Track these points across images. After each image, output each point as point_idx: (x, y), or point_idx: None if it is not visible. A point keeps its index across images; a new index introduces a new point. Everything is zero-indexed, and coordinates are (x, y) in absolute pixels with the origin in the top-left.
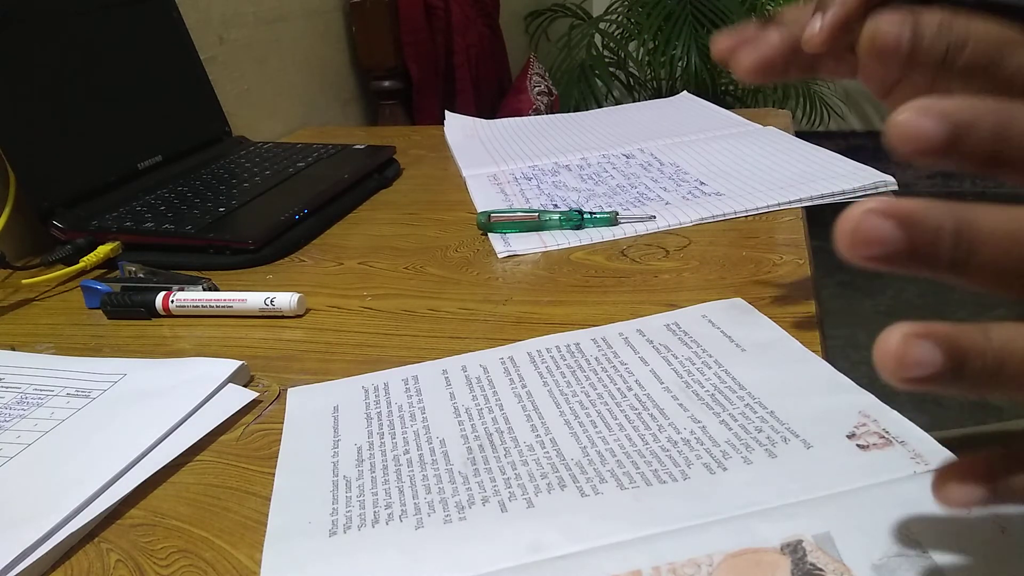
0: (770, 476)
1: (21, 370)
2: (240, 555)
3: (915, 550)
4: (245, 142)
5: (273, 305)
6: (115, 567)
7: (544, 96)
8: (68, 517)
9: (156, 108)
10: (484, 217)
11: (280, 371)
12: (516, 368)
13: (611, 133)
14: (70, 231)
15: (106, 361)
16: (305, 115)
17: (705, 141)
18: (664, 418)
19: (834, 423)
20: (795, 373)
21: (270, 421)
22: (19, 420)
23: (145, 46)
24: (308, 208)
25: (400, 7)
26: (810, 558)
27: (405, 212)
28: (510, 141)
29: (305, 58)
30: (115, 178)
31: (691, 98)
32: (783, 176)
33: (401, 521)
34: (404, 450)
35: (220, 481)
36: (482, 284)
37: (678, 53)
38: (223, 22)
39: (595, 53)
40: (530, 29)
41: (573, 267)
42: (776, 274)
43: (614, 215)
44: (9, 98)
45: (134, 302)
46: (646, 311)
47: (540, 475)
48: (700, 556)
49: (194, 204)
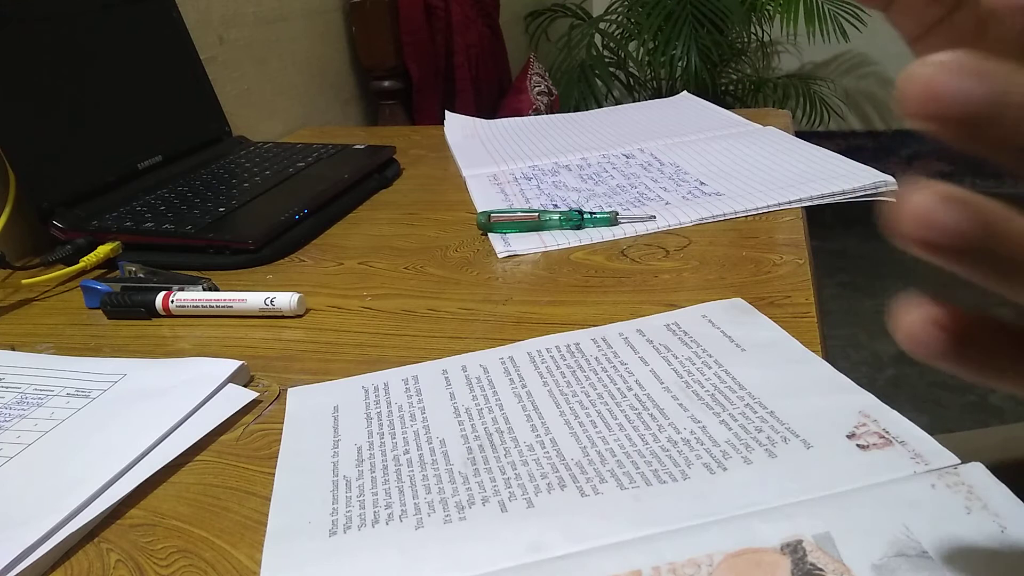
0: (770, 476)
1: (21, 370)
2: (240, 555)
3: (915, 550)
4: (245, 142)
5: (273, 305)
6: (115, 567)
7: (544, 96)
8: (68, 517)
9: (156, 108)
10: (484, 217)
11: (280, 371)
12: (516, 368)
13: (611, 133)
14: (70, 231)
15: (106, 361)
16: (305, 115)
17: (705, 141)
18: (664, 418)
19: (834, 423)
20: (795, 373)
21: (270, 421)
22: (19, 420)
23: (145, 46)
24: (308, 208)
25: (400, 7)
26: (810, 558)
27: (405, 212)
28: (510, 141)
29: (305, 58)
30: (115, 178)
31: (691, 98)
32: (783, 176)
33: (401, 521)
34: (404, 450)
35: (220, 481)
36: (482, 284)
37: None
38: (223, 22)
39: (595, 53)
40: (530, 29)
41: (573, 267)
42: (776, 274)
43: (614, 215)
44: (9, 98)
45: (134, 302)
46: (646, 311)
47: (540, 475)
48: (700, 556)
49: (194, 204)
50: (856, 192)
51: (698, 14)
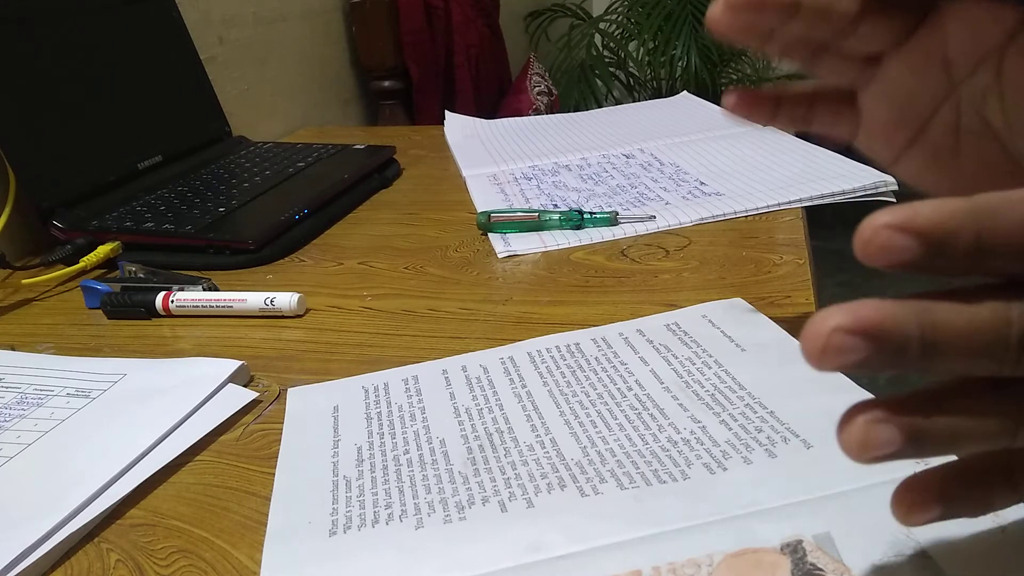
0: (770, 476)
1: (21, 370)
2: (240, 555)
3: (915, 550)
4: (245, 142)
5: (273, 305)
6: (115, 567)
7: (544, 96)
8: (68, 517)
9: (156, 108)
10: (484, 217)
11: (280, 371)
12: (516, 368)
13: (611, 133)
14: (70, 231)
15: (106, 361)
16: (305, 115)
17: (705, 141)
18: (664, 418)
19: (834, 423)
20: (795, 373)
21: (270, 421)
22: (19, 420)
23: (145, 46)
24: (308, 208)
25: (400, 7)
26: (810, 558)
27: (405, 212)
28: (510, 141)
29: (305, 58)
30: (115, 178)
31: (691, 98)
32: (783, 176)
33: (401, 521)
34: (404, 450)
35: (220, 481)
36: (482, 284)
37: (678, 53)
38: (223, 22)
39: (595, 53)
40: (530, 29)
41: (573, 267)
42: (776, 274)
43: (614, 215)
44: (9, 98)
45: (134, 302)
46: (646, 311)
47: (540, 475)
48: (700, 556)
49: (194, 204)
50: (856, 192)
51: (698, 14)
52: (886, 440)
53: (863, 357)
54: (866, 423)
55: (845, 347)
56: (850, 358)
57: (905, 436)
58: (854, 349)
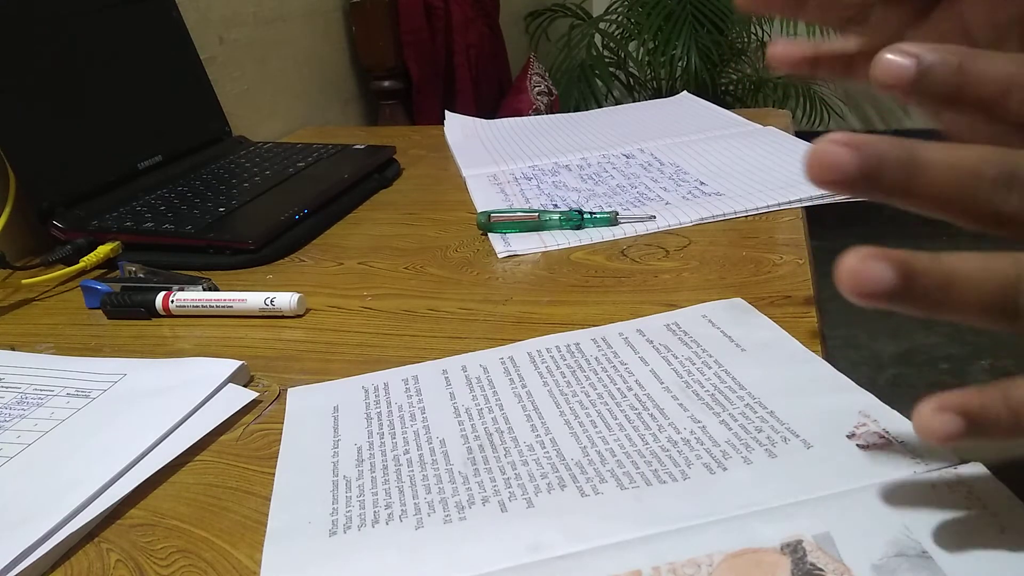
0: (770, 476)
1: (21, 370)
2: (240, 555)
3: (915, 550)
4: (245, 142)
5: (273, 305)
6: (115, 567)
7: (544, 96)
8: (68, 517)
9: (156, 108)
10: (484, 217)
11: (280, 371)
12: (516, 368)
13: (611, 133)
14: (70, 231)
15: (106, 361)
16: (305, 115)
17: (705, 141)
18: (664, 418)
19: (834, 423)
20: (795, 373)
21: (270, 421)
22: (19, 420)
23: (145, 46)
24: (308, 208)
25: (400, 7)
26: (810, 558)
27: (405, 212)
28: (510, 141)
29: (305, 58)
30: (115, 178)
31: (691, 98)
32: (783, 176)
33: (401, 521)
34: (404, 450)
35: (220, 481)
36: (482, 284)
37: (678, 53)
38: (223, 22)
39: (595, 53)
40: (530, 29)
41: (573, 267)
42: (776, 274)
43: (614, 215)
44: (9, 98)
45: (134, 302)
46: (646, 311)
47: (540, 475)
48: (700, 556)
49: (194, 204)
50: None
51: (698, 14)
52: (879, 276)
53: (853, 167)
54: (859, 258)
55: (838, 159)
56: (841, 171)
57: (898, 273)
58: (848, 160)
